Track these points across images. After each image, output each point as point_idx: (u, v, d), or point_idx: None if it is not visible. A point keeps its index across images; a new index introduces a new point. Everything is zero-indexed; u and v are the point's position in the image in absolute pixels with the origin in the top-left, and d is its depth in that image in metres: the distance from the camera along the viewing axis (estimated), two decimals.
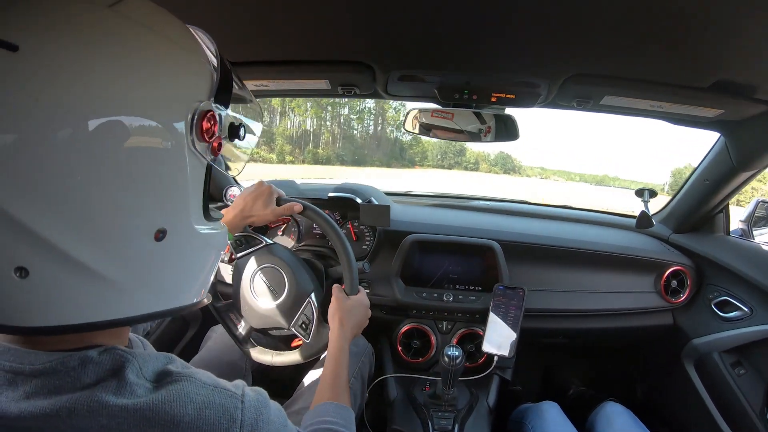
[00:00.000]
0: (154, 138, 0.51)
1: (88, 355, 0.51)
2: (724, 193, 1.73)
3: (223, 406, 0.55)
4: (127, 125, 0.48)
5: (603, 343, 2.28)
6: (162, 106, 0.52)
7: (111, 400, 0.49)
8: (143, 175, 0.51)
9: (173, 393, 0.52)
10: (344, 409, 0.99)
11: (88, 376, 0.50)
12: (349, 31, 1.14)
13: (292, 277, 1.27)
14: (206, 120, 0.56)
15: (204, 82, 0.58)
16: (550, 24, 1.01)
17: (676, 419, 1.92)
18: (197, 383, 0.55)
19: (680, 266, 1.85)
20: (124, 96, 0.48)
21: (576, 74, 1.27)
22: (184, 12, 1.01)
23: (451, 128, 1.53)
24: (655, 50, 1.08)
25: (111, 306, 0.53)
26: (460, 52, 1.21)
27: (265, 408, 0.60)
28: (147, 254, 0.54)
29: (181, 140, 0.54)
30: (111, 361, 0.52)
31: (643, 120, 1.65)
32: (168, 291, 0.59)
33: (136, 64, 0.50)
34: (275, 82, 1.46)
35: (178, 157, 0.54)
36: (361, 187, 1.88)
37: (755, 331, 1.58)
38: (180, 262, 0.59)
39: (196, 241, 0.60)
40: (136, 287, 0.54)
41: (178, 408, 0.51)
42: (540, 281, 1.82)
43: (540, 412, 1.49)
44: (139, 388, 0.51)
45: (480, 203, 2.28)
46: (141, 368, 0.53)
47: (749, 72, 1.16)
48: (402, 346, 1.77)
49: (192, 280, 0.63)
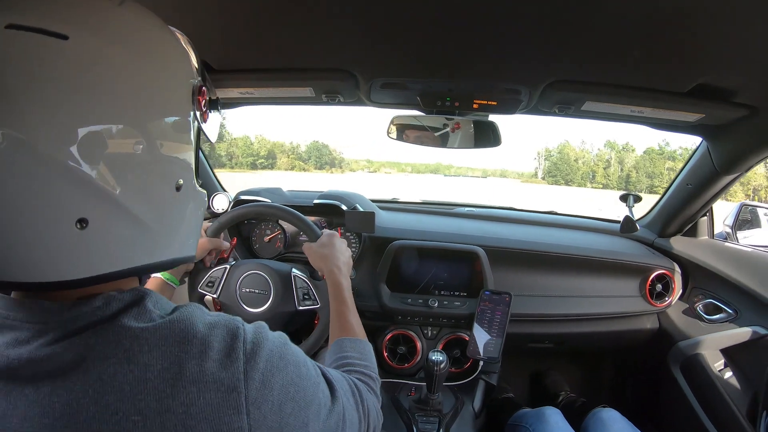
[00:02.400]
0: (179, 108, 0.62)
1: (110, 294, 0.57)
2: (707, 197, 1.74)
3: (228, 326, 0.60)
4: (160, 100, 0.59)
5: (590, 348, 2.29)
6: (180, 83, 0.63)
7: (132, 323, 0.54)
8: (174, 137, 0.61)
9: (185, 314, 0.58)
10: (357, 341, 1.01)
11: (111, 310, 0.55)
12: (333, 40, 1.15)
13: (268, 269, 1.33)
14: (201, 93, 0.67)
15: (192, 63, 0.68)
16: (530, 31, 1.02)
17: (664, 422, 1.93)
18: (203, 310, 0.62)
19: (665, 270, 1.87)
20: (155, 77, 0.58)
21: (556, 81, 1.29)
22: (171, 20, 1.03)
23: (416, 126, 1.54)
24: (635, 56, 1.10)
25: (149, 251, 0.60)
26: (441, 59, 1.23)
27: (263, 329, 0.65)
28: (171, 203, 0.62)
29: (189, 108, 0.64)
30: (132, 296, 0.58)
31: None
32: (181, 239, 0.67)
33: (157, 51, 0.60)
34: (260, 89, 1.47)
35: (188, 124, 0.64)
36: (346, 193, 1.89)
37: (741, 332, 1.59)
38: (188, 212, 0.67)
39: (197, 195, 0.69)
40: (164, 233, 0.62)
41: (190, 325, 0.57)
42: (526, 286, 1.83)
43: (543, 417, 1.49)
44: (155, 315, 0.57)
45: (465, 210, 2.29)
46: (157, 302, 0.60)
47: (728, 76, 1.17)
48: (388, 352, 1.78)
49: (193, 232, 0.71)
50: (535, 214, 2.36)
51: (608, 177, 73.10)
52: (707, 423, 1.67)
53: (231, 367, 0.57)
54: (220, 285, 1.34)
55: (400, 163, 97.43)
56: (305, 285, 1.31)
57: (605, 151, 78.10)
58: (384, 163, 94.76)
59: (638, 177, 69.98)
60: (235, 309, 1.33)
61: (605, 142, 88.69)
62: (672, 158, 67.97)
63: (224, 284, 1.34)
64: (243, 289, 1.32)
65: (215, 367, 0.56)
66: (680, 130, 1.58)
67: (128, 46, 0.55)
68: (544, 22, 0.97)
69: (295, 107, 1.74)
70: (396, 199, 2.47)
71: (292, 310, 1.31)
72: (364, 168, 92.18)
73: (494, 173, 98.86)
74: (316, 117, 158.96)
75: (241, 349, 0.59)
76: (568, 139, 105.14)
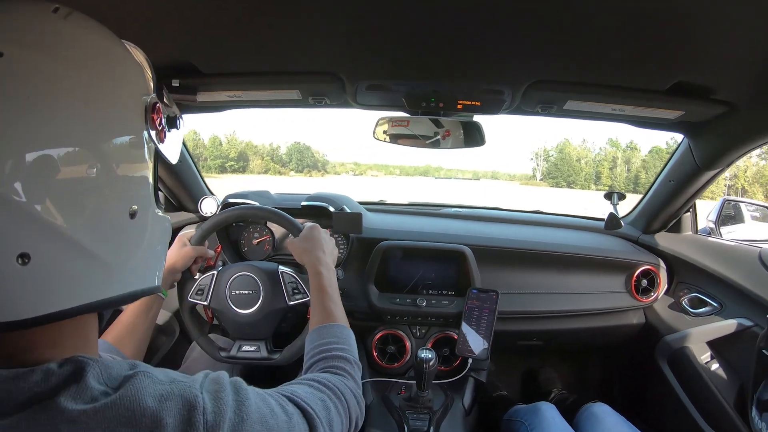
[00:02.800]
0: (129, 127, 0.58)
1: (49, 368, 0.50)
2: (689, 193, 1.77)
3: (183, 397, 0.54)
4: (106, 118, 0.54)
5: (578, 344, 2.31)
6: (131, 100, 0.59)
7: (69, 405, 0.48)
8: (123, 159, 0.57)
9: (131, 389, 0.51)
10: (334, 326, 1.01)
11: (49, 387, 0.49)
12: (319, 43, 1.15)
13: (255, 268, 1.34)
14: (155, 111, 0.62)
15: (146, 79, 0.65)
16: (511, 33, 1.03)
17: (653, 415, 1.94)
18: (154, 379, 0.55)
19: (650, 265, 1.89)
20: (101, 93, 0.54)
21: (538, 81, 1.30)
22: (157, 24, 1.04)
23: (409, 135, 1.55)
24: (615, 55, 1.11)
25: (101, 286, 0.55)
26: (425, 61, 1.24)
27: (224, 392, 0.59)
28: (125, 231, 0.57)
29: (141, 127, 0.60)
30: (72, 369, 0.51)
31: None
32: (139, 271, 0.62)
33: (104, 65, 0.56)
34: (248, 92, 1.47)
35: (140, 144, 0.60)
36: (334, 195, 1.90)
37: (726, 324, 1.61)
38: (147, 241, 0.62)
39: (156, 221, 0.65)
40: (118, 265, 0.57)
41: (137, 403, 0.50)
42: (513, 284, 1.84)
43: (538, 412, 1.50)
44: (98, 393, 0.50)
45: (452, 210, 2.30)
46: (102, 373, 0.53)
47: (706, 74, 1.19)
48: (377, 351, 1.79)
49: (154, 262, 0.67)
50: (520, 214, 2.38)
51: (614, 178, 68.08)
52: (695, 415, 1.68)
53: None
54: (209, 291, 1.35)
55: (388, 165, 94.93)
56: (293, 279, 1.33)
57: (609, 149, 73.41)
58: (371, 166, 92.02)
59: (648, 177, 59.71)
60: (227, 313, 1.33)
61: (607, 140, 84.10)
62: None
63: (214, 290, 1.35)
64: (233, 292, 1.33)
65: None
66: (661, 127, 1.60)
67: (70, 61, 0.52)
68: (525, 23, 0.98)
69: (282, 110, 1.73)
70: (383, 201, 2.48)
71: (283, 307, 1.32)
72: (350, 171, 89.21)
73: (485, 175, 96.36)
74: (302, 120, 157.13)
75: (200, 422, 0.54)
76: (568, 137, 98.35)
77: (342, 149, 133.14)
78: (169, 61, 1.26)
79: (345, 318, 1.08)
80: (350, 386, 0.87)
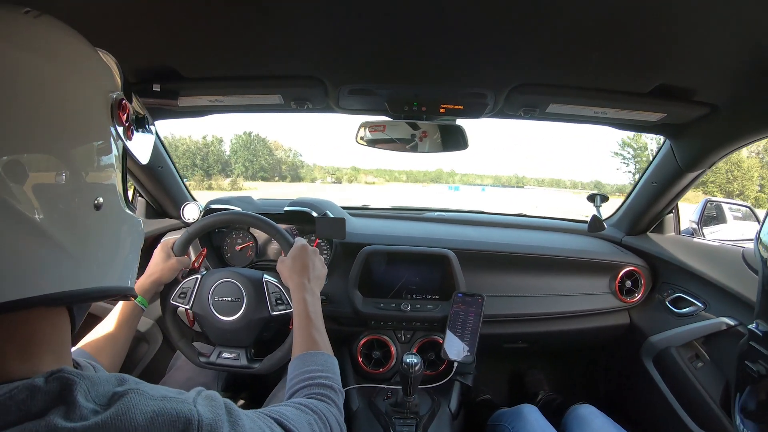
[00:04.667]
0: (94, 121, 0.58)
1: (35, 384, 0.48)
2: (672, 194, 1.79)
3: (176, 411, 0.53)
4: (69, 109, 0.55)
5: (563, 346, 2.32)
6: (96, 94, 0.59)
7: (60, 423, 0.46)
8: (89, 150, 0.57)
9: (121, 408, 0.50)
10: (319, 354, 1.00)
11: (36, 405, 0.48)
12: (300, 47, 1.15)
13: (240, 276, 1.32)
14: (121, 108, 0.63)
15: (114, 77, 0.65)
16: (493, 36, 1.03)
17: (639, 416, 1.95)
18: (145, 395, 0.53)
19: (634, 267, 1.90)
20: (64, 85, 0.55)
21: (520, 84, 1.31)
22: (139, 28, 1.03)
23: (385, 139, 1.55)
24: (596, 58, 1.12)
25: (67, 277, 0.54)
26: (407, 65, 1.24)
27: (219, 411, 0.59)
28: (90, 222, 0.57)
29: (107, 122, 0.61)
30: (59, 386, 0.49)
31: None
32: (108, 267, 0.61)
33: (69, 59, 0.57)
34: (230, 97, 1.46)
35: (106, 136, 0.60)
36: (316, 200, 1.89)
37: (711, 324, 1.62)
38: (114, 237, 0.62)
39: (125, 219, 0.65)
40: (83, 256, 0.56)
41: (128, 421, 0.49)
42: (497, 287, 1.85)
43: (521, 415, 1.50)
44: (88, 412, 0.49)
45: (435, 214, 2.31)
46: (89, 391, 0.51)
47: (687, 76, 1.20)
48: (362, 357, 1.78)
49: (124, 260, 0.66)
50: (504, 217, 2.39)
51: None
52: (682, 414, 1.70)
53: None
54: (192, 295, 1.33)
55: (393, 171, 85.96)
56: (278, 290, 1.31)
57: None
58: (372, 171, 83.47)
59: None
60: (208, 319, 1.32)
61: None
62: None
63: (196, 294, 1.33)
64: (215, 298, 1.31)
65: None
66: (644, 129, 1.61)
67: (39, 56, 0.53)
68: (507, 27, 0.99)
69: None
70: (366, 206, 2.48)
71: (266, 316, 1.30)
72: (326, 176, 76.94)
73: (509, 181, 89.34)
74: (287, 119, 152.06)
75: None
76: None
77: (337, 149, 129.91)
78: (150, 65, 1.25)
79: (329, 345, 1.07)
80: (334, 413, 0.87)
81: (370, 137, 1.55)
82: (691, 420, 1.67)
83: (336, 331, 1.76)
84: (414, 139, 1.54)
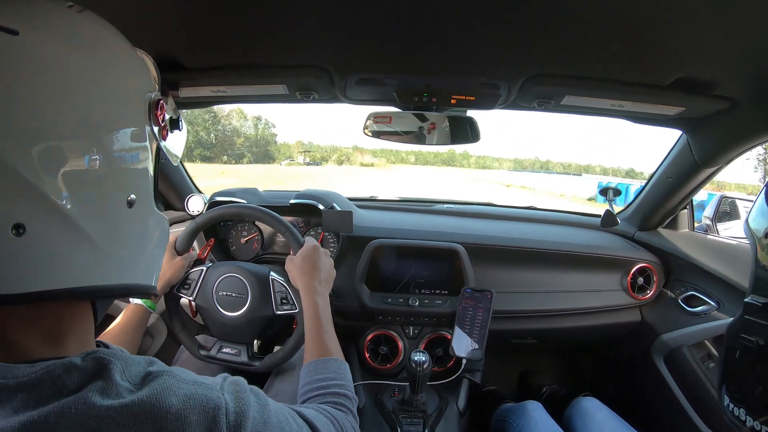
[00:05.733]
0: (132, 120, 0.59)
1: (72, 362, 0.51)
2: (687, 190, 1.75)
3: (206, 396, 0.56)
4: (112, 110, 0.56)
5: (573, 342, 2.30)
6: (136, 95, 0.60)
7: (97, 400, 0.48)
8: (125, 149, 0.57)
9: (156, 388, 0.52)
10: (332, 361, 1.00)
11: (73, 382, 0.49)
12: (306, 36, 1.11)
13: (246, 272, 1.30)
14: (158, 108, 0.64)
15: (151, 78, 0.67)
16: (508, 26, 1.00)
17: (648, 414, 1.94)
18: (178, 378, 0.56)
19: (646, 263, 1.87)
20: (108, 85, 0.55)
21: (535, 75, 1.27)
22: (141, 18, 1.00)
23: (391, 132, 1.52)
24: (615, 50, 1.08)
25: (94, 271, 0.54)
26: (417, 55, 1.20)
27: (245, 394, 0.62)
28: (122, 219, 0.58)
29: (144, 121, 0.62)
30: (95, 365, 0.52)
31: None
32: (135, 264, 0.62)
33: (113, 59, 0.58)
34: (233, 87, 1.43)
35: (143, 136, 0.61)
36: (323, 193, 1.86)
37: (723, 323, 1.59)
38: (142, 234, 0.63)
39: (155, 218, 0.66)
40: (113, 252, 0.57)
41: (162, 401, 0.51)
42: (507, 283, 1.82)
43: (525, 411, 1.49)
44: (123, 390, 0.51)
45: (444, 206, 2.28)
46: (124, 371, 0.54)
47: (708, 69, 1.16)
48: (369, 352, 1.76)
49: (151, 259, 0.66)
50: (514, 210, 2.35)
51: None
52: (691, 413, 1.68)
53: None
54: (196, 287, 1.31)
55: (400, 151, 79.49)
56: (283, 289, 1.28)
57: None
58: (375, 152, 76.63)
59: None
60: (211, 312, 1.30)
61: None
62: None
63: (201, 286, 1.31)
64: (220, 293, 1.29)
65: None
66: (660, 123, 1.57)
67: (83, 50, 0.53)
68: (522, 16, 0.95)
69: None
70: (374, 197, 2.45)
71: (269, 315, 1.28)
72: (298, 155, 62.74)
73: (534, 164, 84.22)
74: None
75: (224, 422, 0.56)
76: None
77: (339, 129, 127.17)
78: (150, 54, 1.22)
79: (340, 351, 1.06)
80: (350, 421, 0.88)
81: (376, 128, 1.52)
82: (701, 420, 1.65)
83: (343, 326, 1.73)
84: (422, 131, 1.51)
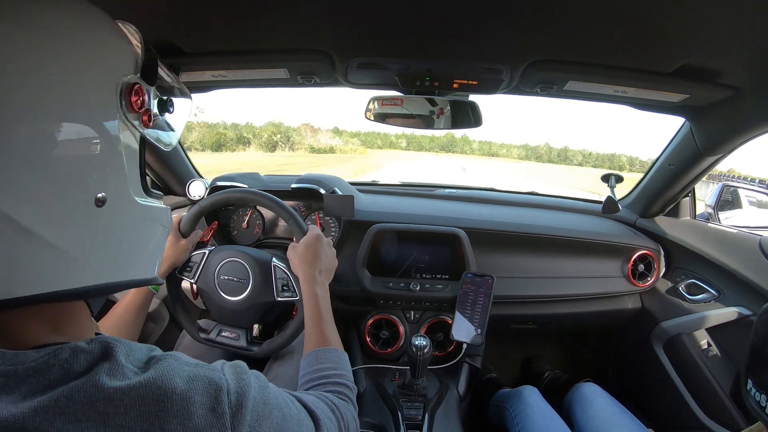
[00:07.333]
0: (98, 108, 0.55)
1: (78, 345, 0.51)
2: (689, 178, 1.74)
3: (209, 377, 0.57)
4: (69, 98, 0.51)
5: (573, 328, 2.31)
6: (102, 79, 0.56)
7: (106, 382, 0.49)
8: (89, 143, 0.54)
9: (160, 370, 0.54)
10: (332, 351, 1.01)
11: (80, 365, 0.50)
12: (307, 19, 1.11)
13: (248, 257, 1.30)
14: (134, 93, 0.60)
15: (128, 59, 0.62)
16: (510, 10, 0.99)
17: (647, 400, 1.95)
18: (180, 361, 0.58)
19: (647, 250, 1.87)
20: (58, 72, 0.50)
21: (538, 60, 1.26)
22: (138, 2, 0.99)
23: (401, 114, 1.50)
24: (619, 35, 1.07)
25: (68, 276, 0.53)
26: (420, 38, 1.19)
27: (245, 375, 0.63)
28: (90, 221, 0.55)
29: (113, 109, 0.57)
30: (100, 348, 0.53)
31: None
32: (116, 262, 0.60)
33: (63, 42, 0.52)
34: (234, 72, 1.42)
35: (110, 126, 0.57)
36: (325, 177, 1.85)
37: (724, 312, 1.60)
38: (124, 232, 0.61)
39: (137, 211, 0.63)
40: (87, 256, 0.55)
41: (168, 382, 0.52)
42: (508, 268, 1.82)
43: (521, 397, 1.51)
44: (129, 372, 0.52)
45: (446, 191, 2.27)
46: (129, 354, 0.55)
47: (713, 57, 1.15)
48: (370, 336, 1.77)
49: (138, 253, 0.65)
50: (516, 195, 2.35)
51: None
52: (689, 400, 1.69)
53: (217, 424, 0.54)
54: (198, 270, 1.32)
55: (389, 135, 78.43)
56: (285, 276, 1.28)
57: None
58: (357, 134, 75.99)
59: None
60: (212, 296, 1.30)
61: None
62: None
63: (203, 270, 1.32)
64: (221, 277, 1.30)
65: (200, 425, 0.53)
66: (663, 110, 1.56)
67: (35, 31, 0.49)
68: (525, 1, 0.94)
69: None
70: (376, 182, 2.45)
71: (270, 301, 1.29)
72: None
73: (548, 153, 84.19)
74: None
75: (225, 402, 0.56)
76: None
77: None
78: (149, 39, 1.20)
79: (339, 341, 1.07)
80: (350, 410, 0.89)
81: (381, 111, 1.50)
82: (699, 408, 1.67)
83: (344, 310, 1.75)
84: (432, 115, 1.50)
